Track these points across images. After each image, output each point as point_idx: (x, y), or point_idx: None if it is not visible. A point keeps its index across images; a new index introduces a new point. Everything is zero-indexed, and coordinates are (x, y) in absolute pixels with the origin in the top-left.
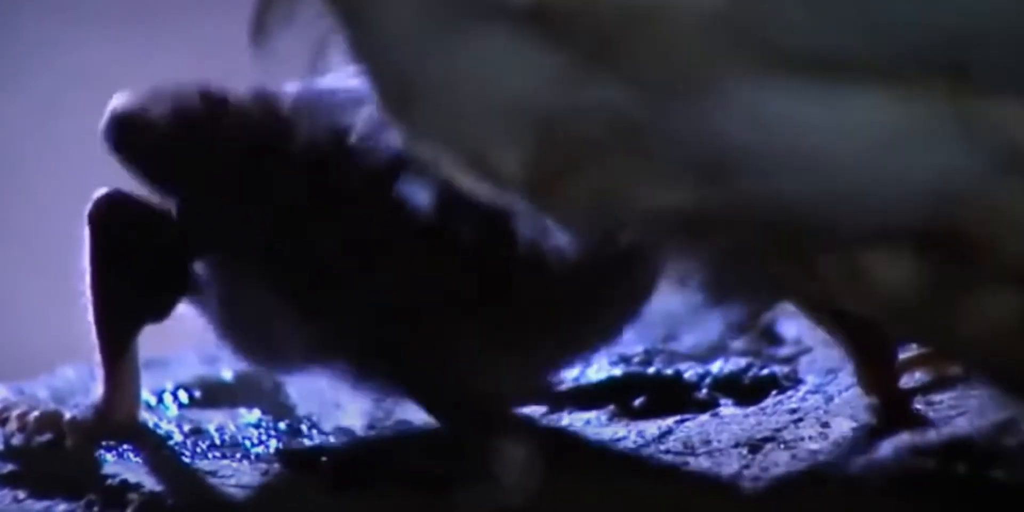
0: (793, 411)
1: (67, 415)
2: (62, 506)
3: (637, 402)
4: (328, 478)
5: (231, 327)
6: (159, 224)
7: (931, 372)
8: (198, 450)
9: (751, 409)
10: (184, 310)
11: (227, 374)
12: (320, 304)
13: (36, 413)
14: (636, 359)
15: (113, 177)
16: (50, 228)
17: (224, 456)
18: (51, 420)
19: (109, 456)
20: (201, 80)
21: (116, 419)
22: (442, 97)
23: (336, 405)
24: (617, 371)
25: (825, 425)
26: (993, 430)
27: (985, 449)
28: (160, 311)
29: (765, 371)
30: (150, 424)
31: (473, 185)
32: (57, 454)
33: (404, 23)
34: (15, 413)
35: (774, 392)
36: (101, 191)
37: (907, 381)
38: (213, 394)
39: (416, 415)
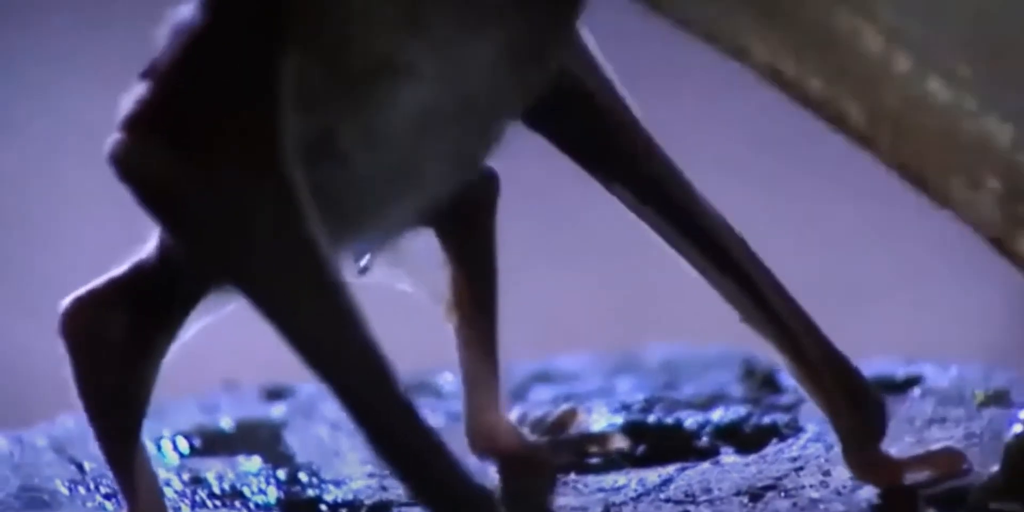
0: (794, 459)
1: None
2: None
3: (638, 450)
4: None
5: None
6: (138, 288)
7: (934, 471)
8: (197, 498)
9: (752, 457)
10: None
11: (226, 422)
12: None
13: None
14: (636, 407)
15: (112, 223)
16: (49, 275)
17: (224, 505)
18: None
19: (109, 504)
20: None
21: None
22: None
23: (336, 453)
24: (618, 419)
25: (826, 473)
26: (991, 481)
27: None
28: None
29: (766, 419)
30: None
31: None
32: None
33: None
34: None
35: (775, 440)
36: (63, 302)
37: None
38: (212, 442)
39: None
